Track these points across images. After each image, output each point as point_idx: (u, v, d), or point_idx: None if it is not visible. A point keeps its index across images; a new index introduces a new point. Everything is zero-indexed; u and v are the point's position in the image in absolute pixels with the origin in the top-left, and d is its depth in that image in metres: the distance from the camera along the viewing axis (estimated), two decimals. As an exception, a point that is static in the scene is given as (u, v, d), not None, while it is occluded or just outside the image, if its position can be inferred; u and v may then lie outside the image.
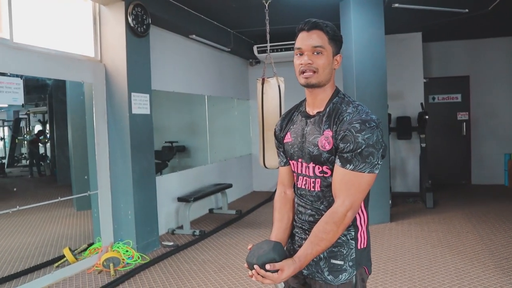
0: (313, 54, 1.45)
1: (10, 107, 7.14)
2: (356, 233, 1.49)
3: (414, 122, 7.03)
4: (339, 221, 1.38)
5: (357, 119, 1.40)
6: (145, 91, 4.56)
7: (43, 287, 3.66)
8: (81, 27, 4.28)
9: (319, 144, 1.45)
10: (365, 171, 1.38)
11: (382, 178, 5.34)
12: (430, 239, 4.70)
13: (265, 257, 1.36)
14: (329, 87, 1.52)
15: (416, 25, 6.73)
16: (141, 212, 4.50)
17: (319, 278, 1.50)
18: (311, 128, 1.50)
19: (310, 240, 1.41)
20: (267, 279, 1.36)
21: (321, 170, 1.48)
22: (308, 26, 1.47)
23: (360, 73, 5.17)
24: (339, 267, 1.47)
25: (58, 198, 3.96)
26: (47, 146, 6.74)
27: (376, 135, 1.39)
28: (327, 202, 1.48)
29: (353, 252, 1.48)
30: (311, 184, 1.51)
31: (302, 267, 1.40)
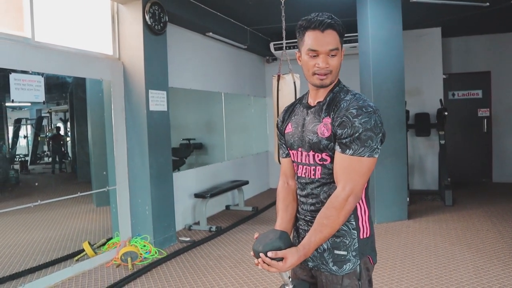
0: (329, 57, 1.45)
1: (33, 105, 7.33)
2: (357, 222, 1.49)
3: (433, 118, 6.92)
4: (339, 206, 1.38)
5: (354, 105, 1.42)
6: (162, 88, 4.62)
7: (63, 280, 3.76)
8: (100, 25, 4.37)
9: (318, 131, 1.47)
10: (365, 155, 1.39)
11: (399, 175, 5.29)
12: (449, 236, 4.64)
13: (270, 245, 1.37)
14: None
15: (435, 20, 6.62)
16: (158, 208, 4.56)
17: (324, 269, 1.51)
18: (311, 118, 1.52)
19: (313, 228, 1.42)
20: (272, 268, 1.37)
21: (321, 157, 1.49)
22: (323, 27, 1.43)
23: (377, 69, 5.12)
24: (342, 257, 1.48)
25: (78, 193, 4.05)
26: (68, 143, 6.90)
27: (374, 119, 1.39)
28: (327, 189, 1.49)
29: (355, 242, 1.48)
30: (311, 172, 1.52)
31: (307, 255, 1.40)
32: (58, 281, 3.72)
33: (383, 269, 3.77)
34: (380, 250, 4.27)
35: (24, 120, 8.00)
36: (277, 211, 1.67)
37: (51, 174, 7.16)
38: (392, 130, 5.22)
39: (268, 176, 8.28)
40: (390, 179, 5.26)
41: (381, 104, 5.16)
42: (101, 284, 3.68)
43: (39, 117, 7.67)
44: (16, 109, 7.43)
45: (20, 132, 7.51)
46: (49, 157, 7.54)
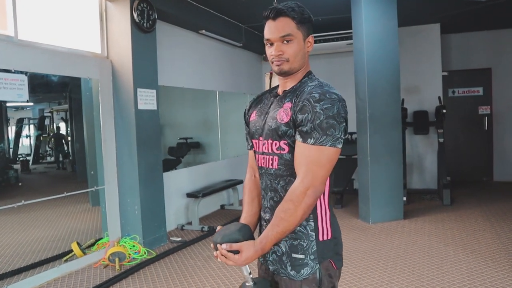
0: (282, 44, 1.40)
1: (35, 105, 7.32)
2: (316, 223, 1.41)
3: (432, 116, 6.80)
4: (296, 199, 1.30)
5: (317, 90, 1.36)
6: (151, 87, 4.56)
7: (48, 281, 3.71)
8: (88, 23, 4.31)
9: (277, 117, 1.41)
10: (327, 144, 1.31)
11: (394, 174, 5.20)
12: (444, 237, 4.54)
13: (228, 237, 1.33)
14: (302, 70, 1.48)
15: (433, 16, 6.51)
16: (148, 208, 4.51)
17: (283, 274, 1.43)
18: (274, 105, 1.47)
19: (271, 222, 1.35)
20: (229, 261, 1.32)
21: (279, 146, 1.41)
22: (274, 14, 1.40)
23: (371, 67, 5.03)
24: (300, 261, 1.40)
25: (64, 193, 4.00)
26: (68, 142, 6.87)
27: (337, 107, 1.32)
28: (284, 182, 1.42)
29: (314, 245, 1.40)
30: (269, 162, 1.45)
31: (265, 250, 1.33)
32: (43, 282, 3.67)
33: (374, 270, 3.69)
34: (372, 251, 4.19)
35: (27, 119, 8.01)
36: (242, 205, 1.61)
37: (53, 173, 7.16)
38: (388, 128, 5.13)
39: (266, 175, 8.19)
40: (385, 178, 5.16)
41: (376, 102, 5.07)
42: (87, 285, 3.63)
43: (41, 116, 7.67)
44: (19, 109, 7.43)
45: (23, 131, 7.52)
46: (51, 156, 7.55)
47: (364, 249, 4.25)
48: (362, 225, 5.18)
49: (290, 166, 1.40)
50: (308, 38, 1.44)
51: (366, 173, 5.21)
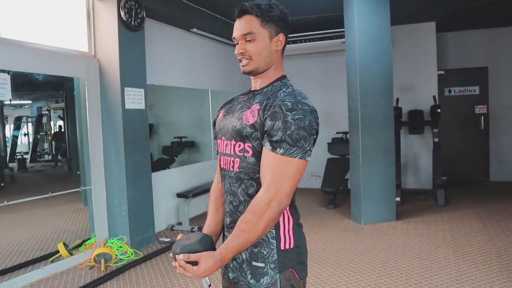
0: (245, 42, 1.37)
1: (33, 103, 7.29)
2: (277, 231, 1.36)
3: (427, 116, 6.73)
4: (259, 211, 1.25)
5: (290, 98, 1.30)
6: (139, 86, 4.51)
7: (32, 282, 3.67)
8: (75, 22, 4.26)
9: (243, 118, 1.36)
10: (296, 156, 1.27)
11: (387, 174, 5.14)
12: (435, 238, 4.48)
13: (188, 248, 1.28)
14: (273, 71, 1.43)
15: (429, 14, 6.44)
16: (136, 208, 4.46)
17: (243, 282, 1.38)
18: (242, 105, 1.42)
19: (233, 232, 1.30)
20: (188, 272, 1.27)
21: (242, 147, 1.36)
22: (238, 12, 1.38)
23: (363, 66, 4.97)
24: (260, 270, 1.35)
25: (49, 194, 3.95)
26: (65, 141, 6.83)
27: (309, 119, 1.28)
28: (244, 186, 1.36)
29: (274, 253, 1.35)
30: (230, 164, 1.40)
31: (224, 262, 1.27)
32: (27, 283, 3.63)
33: (362, 273, 3.63)
34: (362, 253, 4.14)
35: (25, 117, 7.97)
36: (207, 212, 1.56)
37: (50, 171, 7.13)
38: (380, 128, 5.07)
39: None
40: (377, 178, 5.10)
41: (368, 101, 5.01)
42: (70, 287, 3.59)
43: (39, 114, 7.64)
44: (17, 107, 7.39)
45: (21, 130, 7.48)
46: (48, 154, 7.51)
47: (353, 251, 4.20)
48: (354, 226, 5.13)
49: (253, 170, 1.35)
50: (277, 37, 1.39)
51: (357, 174, 5.15)
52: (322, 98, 7.57)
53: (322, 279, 3.55)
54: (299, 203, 5.16)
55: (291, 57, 7.59)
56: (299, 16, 6.23)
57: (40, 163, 7.54)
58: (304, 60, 7.61)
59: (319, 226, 5.18)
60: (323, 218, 5.59)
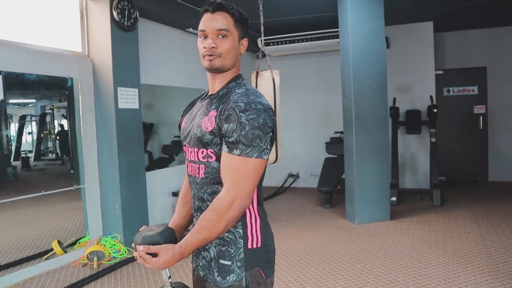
0: (217, 38, 1.38)
1: (37, 102, 7.38)
2: (245, 231, 1.38)
3: (424, 116, 6.71)
4: (221, 210, 1.28)
5: (243, 99, 1.33)
6: (133, 86, 4.55)
7: (25, 279, 3.72)
8: (69, 22, 4.31)
9: (202, 125, 1.38)
10: (252, 155, 1.29)
11: (381, 174, 5.14)
12: (428, 238, 4.48)
13: (149, 239, 1.30)
14: (232, 72, 1.46)
15: (426, 14, 6.41)
16: (129, 207, 4.50)
17: (211, 280, 1.41)
18: (201, 111, 1.44)
19: (194, 227, 1.32)
20: (147, 263, 1.29)
21: (206, 154, 1.39)
22: (213, 7, 1.38)
23: (357, 66, 4.97)
24: (227, 268, 1.38)
25: (42, 192, 4.01)
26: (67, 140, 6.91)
27: (263, 118, 1.30)
28: (210, 190, 1.39)
29: (241, 252, 1.38)
30: (196, 170, 1.43)
31: (184, 255, 1.30)
32: (20, 280, 3.69)
33: (350, 273, 3.65)
34: (353, 252, 4.15)
35: (29, 116, 8.06)
36: (175, 207, 1.61)
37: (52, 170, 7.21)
38: (374, 128, 5.07)
39: (260, 174, 8.17)
40: (371, 178, 5.11)
41: (362, 100, 5.02)
42: (62, 284, 3.64)
43: (43, 113, 7.72)
44: (21, 106, 7.48)
45: (26, 128, 7.56)
46: (52, 153, 7.60)
47: (344, 251, 4.21)
48: (348, 225, 5.14)
49: (218, 175, 1.37)
50: (242, 41, 1.43)
51: (352, 173, 5.15)
52: (320, 97, 7.59)
53: (310, 277, 3.57)
54: (296, 202, 5.25)
55: (289, 57, 7.61)
56: (295, 16, 6.25)
57: (43, 162, 7.64)
58: (302, 60, 7.62)
59: (313, 225, 5.20)
60: (318, 217, 5.60)
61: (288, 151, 7.84)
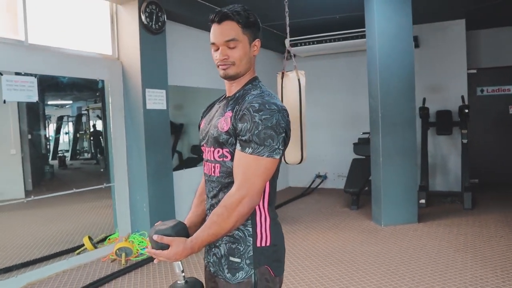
0: (228, 48, 1.42)
1: (74, 103, 7.69)
2: (254, 229, 1.42)
3: (456, 116, 6.53)
4: (231, 207, 1.32)
5: (257, 100, 1.37)
6: (161, 87, 4.67)
7: (57, 272, 3.90)
8: (100, 26, 4.48)
9: (218, 126, 1.43)
10: (264, 154, 1.33)
11: (408, 175, 5.06)
12: (456, 242, 4.38)
13: (161, 232, 1.36)
14: (247, 75, 1.50)
15: (458, 11, 6.24)
16: (157, 205, 4.62)
17: (221, 276, 1.46)
18: (218, 112, 1.49)
19: (205, 223, 1.37)
20: (160, 255, 1.35)
21: (221, 153, 1.43)
22: (219, 18, 1.41)
23: (384, 66, 4.91)
24: (236, 265, 1.42)
25: (73, 190, 4.19)
26: (102, 139, 7.17)
27: (276, 118, 1.33)
28: (226, 189, 1.43)
29: (250, 250, 1.41)
30: (211, 169, 1.48)
31: (194, 249, 1.34)
32: (53, 273, 3.87)
33: (373, 275, 3.61)
34: (377, 254, 4.11)
35: (66, 117, 8.40)
36: (191, 206, 1.66)
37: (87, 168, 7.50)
38: (401, 128, 4.99)
39: (287, 174, 8.19)
40: (398, 179, 5.03)
41: (389, 101, 4.95)
42: (92, 278, 3.79)
43: (79, 114, 8.03)
44: (58, 107, 7.81)
45: (63, 129, 7.89)
46: (88, 152, 7.90)
47: (369, 252, 4.17)
48: (374, 227, 5.08)
49: (232, 174, 1.41)
50: (254, 42, 1.45)
51: (378, 174, 5.09)
52: (349, 98, 7.53)
53: (332, 278, 3.56)
54: (323, 203, 5.26)
55: (316, 57, 7.59)
56: (323, 16, 6.22)
57: (79, 161, 7.94)
58: (330, 60, 7.58)
59: (339, 226, 5.17)
60: (344, 218, 5.57)
61: (316, 152, 7.81)
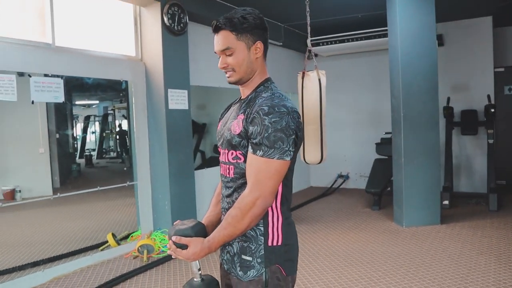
0: (226, 56, 1.47)
1: (100, 103, 7.89)
2: (266, 228, 1.44)
3: (481, 116, 6.38)
4: (244, 208, 1.36)
5: (267, 102, 1.39)
6: (183, 87, 4.74)
7: (82, 267, 4.02)
8: (123, 28, 4.59)
9: (231, 128, 1.46)
10: (274, 157, 1.35)
11: (431, 176, 4.98)
12: (480, 245, 4.28)
13: (181, 232, 1.40)
14: (258, 77, 1.52)
15: (485, 8, 6.09)
16: (178, 203, 4.70)
17: (234, 274, 1.49)
18: (232, 115, 1.53)
19: (221, 223, 1.41)
20: (178, 254, 1.40)
21: (235, 155, 1.47)
22: (213, 29, 1.48)
23: (406, 64, 4.85)
24: (248, 263, 1.45)
25: (97, 188, 4.31)
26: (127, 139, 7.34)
27: (286, 120, 1.36)
28: (239, 189, 1.47)
29: (261, 249, 1.44)
30: (226, 171, 1.52)
31: (212, 249, 1.39)
32: (77, 268, 3.99)
33: (393, 276, 3.58)
34: (398, 255, 4.07)
35: (93, 117, 8.63)
36: (209, 205, 1.70)
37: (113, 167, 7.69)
38: (423, 128, 4.92)
39: (309, 174, 8.18)
40: (421, 180, 4.95)
41: (411, 100, 4.89)
42: (114, 274, 3.89)
43: (105, 114, 8.24)
44: (85, 107, 8.04)
45: (89, 128, 8.11)
46: (113, 151, 8.10)
47: (389, 253, 4.14)
48: (395, 228, 5.02)
49: (245, 175, 1.45)
50: (255, 45, 1.47)
51: (400, 175, 5.03)
52: (371, 97, 7.46)
53: (351, 279, 3.55)
54: (344, 203, 5.26)
55: (339, 56, 7.54)
56: (345, 16, 6.19)
57: (105, 160, 8.14)
58: (352, 60, 7.52)
59: (360, 227, 5.14)
60: (365, 219, 5.53)
61: (338, 151, 7.77)
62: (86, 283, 3.69)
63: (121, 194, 5.22)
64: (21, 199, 4.19)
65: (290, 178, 1.50)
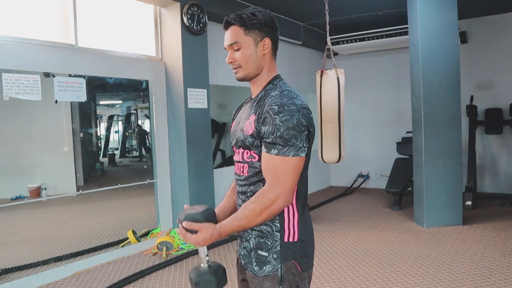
0: (233, 51, 1.50)
1: (123, 103, 8.06)
2: (282, 225, 1.46)
3: (506, 115, 6.22)
4: (263, 205, 1.37)
5: (276, 101, 1.40)
6: (202, 87, 4.79)
7: (103, 263, 4.12)
8: (144, 29, 4.67)
9: (244, 129, 1.48)
10: (289, 154, 1.37)
11: (452, 176, 4.88)
12: (503, 247, 4.18)
13: (191, 217, 1.39)
14: (266, 74, 1.53)
15: (509, 4, 5.93)
16: (197, 201, 4.75)
17: (250, 269, 1.51)
18: (244, 115, 1.54)
19: (237, 212, 1.42)
20: (188, 239, 1.39)
21: (250, 154, 1.49)
22: (224, 25, 1.51)
23: (427, 62, 4.77)
24: (264, 259, 1.46)
25: (118, 185, 4.40)
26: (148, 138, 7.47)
27: (297, 118, 1.37)
28: (253, 187, 1.49)
29: (277, 245, 1.45)
30: (241, 169, 1.54)
31: (221, 236, 1.39)
32: (98, 264, 4.09)
33: (411, 277, 3.54)
34: (417, 256, 4.01)
35: (116, 116, 8.80)
36: (224, 197, 1.73)
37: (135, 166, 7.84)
38: (445, 127, 4.83)
39: (329, 174, 8.13)
40: (442, 180, 4.87)
41: (432, 99, 4.81)
42: (134, 270, 3.97)
43: (128, 113, 8.40)
44: (109, 107, 8.22)
45: (113, 127, 8.28)
46: (136, 150, 8.26)
47: (408, 254, 4.08)
48: (415, 228, 4.95)
49: (260, 173, 1.47)
50: (263, 41, 1.48)
51: (421, 174, 4.96)
52: (392, 96, 7.37)
53: (368, 279, 3.53)
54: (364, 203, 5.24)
55: (359, 55, 7.48)
56: (365, 14, 6.14)
57: (128, 158, 8.30)
58: (373, 58, 7.44)
59: (380, 226, 5.08)
60: (385, 219, 5.47)
61: (359, 151, 7.71)
62: (106, 278, 3.78)
63: (142, 192, 5.32)
64: (46, 196, 4.31)
65: (305, 174, 1.50)
